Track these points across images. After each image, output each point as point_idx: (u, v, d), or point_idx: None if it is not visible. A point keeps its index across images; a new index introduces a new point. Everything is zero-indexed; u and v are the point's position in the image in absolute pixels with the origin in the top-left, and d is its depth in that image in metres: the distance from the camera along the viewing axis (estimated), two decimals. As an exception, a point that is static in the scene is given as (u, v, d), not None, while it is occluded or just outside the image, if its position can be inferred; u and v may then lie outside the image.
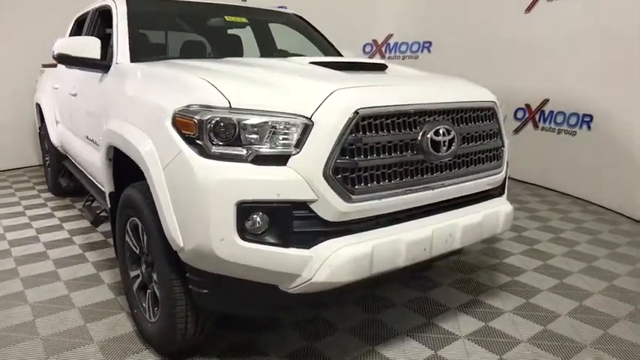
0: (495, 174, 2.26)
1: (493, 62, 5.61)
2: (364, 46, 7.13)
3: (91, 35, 3.40)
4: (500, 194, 2.41)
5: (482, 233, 2.16)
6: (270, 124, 1.70)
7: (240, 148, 1.69)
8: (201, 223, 1.67)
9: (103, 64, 2.70)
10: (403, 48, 6.81)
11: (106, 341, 2.31)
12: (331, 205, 1.70)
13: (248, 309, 1.95)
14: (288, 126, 1.70)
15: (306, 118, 1.70)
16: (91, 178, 3.25)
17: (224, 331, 2.34)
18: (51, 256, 3.32)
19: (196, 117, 1.69)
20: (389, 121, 1.82)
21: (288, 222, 1.70)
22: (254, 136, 1.70)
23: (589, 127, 4.80)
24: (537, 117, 5.42)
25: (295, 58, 2.38)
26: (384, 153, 1.81)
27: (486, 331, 2.46)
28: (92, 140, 3.00)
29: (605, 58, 4.56)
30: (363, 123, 1.75)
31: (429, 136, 1.90)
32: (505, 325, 2.52)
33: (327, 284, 1.72)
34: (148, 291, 2.23)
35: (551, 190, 5.28)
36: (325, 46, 3.67)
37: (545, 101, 5.31)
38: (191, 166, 1.68)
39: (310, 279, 1.70)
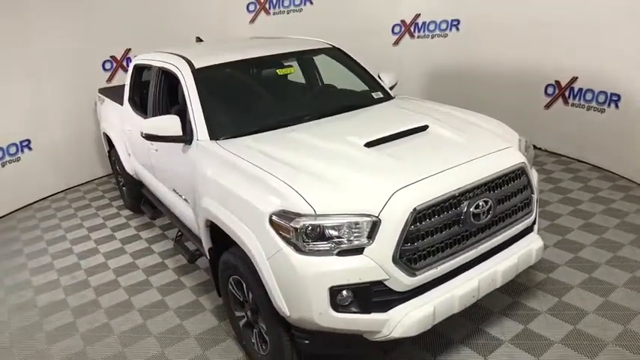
0: (527, 218, 2.72)
1: (522, 40, 5.81)
2: (393, 27, 7.29)
3: (159, 95, 3.90)
4: (532, 229, 2.86)
5: (518, 270, 2.66)
6: (346, 224, 2.20)
7: (326, 244, 2.22)
8: (303, 303, 2.24)
9: (186, 139, 3.20)
10: (432, 27, 6.96)
11: (225, 368, 2.99)
12: (399, 280, 2.23)
13: (341, 351, 2.56)
14: (360, 224, 2.20)
15: (374, 216, 2.20)
16: (182, 221, 3.82)
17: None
18: (153, 284, 4.00)
19: (291, 224, 2.21)
20: (439, 207, 2.29)
21: (368, 295, 2.24)
22: (335, 232, 2.22)
23: (617, 107, 5.05)
24: (567, 93, 5.65)
25: (351, 137, 2.78)
26: (437, 233, 2.30)
27: (526, 334, 2.99)
28: (180, 195, 3.55)
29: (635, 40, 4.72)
30: (419, 215, 2.24)
31: (471, 210, 2.36)
32: (541, 327, 3.03)
33: (402, 337, 2.28)
34: (255, 330, 2.84)
35: (585, 162, 5.60)
36: (363, 74, 4.06)
37: (574, 79, 5.51)
38: (291, 262, 2.22)
39: (388, 334, 2.27)
